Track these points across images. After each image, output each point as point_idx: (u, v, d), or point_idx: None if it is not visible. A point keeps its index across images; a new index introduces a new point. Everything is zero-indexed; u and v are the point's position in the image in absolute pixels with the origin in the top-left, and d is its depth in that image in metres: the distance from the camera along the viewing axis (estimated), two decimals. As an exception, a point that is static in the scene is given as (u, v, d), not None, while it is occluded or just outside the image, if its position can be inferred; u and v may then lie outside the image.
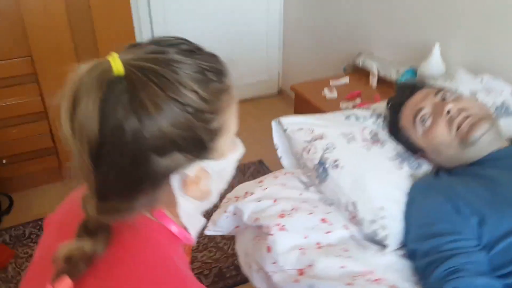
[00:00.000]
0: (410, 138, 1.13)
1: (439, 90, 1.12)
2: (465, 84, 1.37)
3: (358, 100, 1.90)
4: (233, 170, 0.65)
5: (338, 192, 1.07)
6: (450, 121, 1.04)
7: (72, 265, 0.51)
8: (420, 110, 1.10)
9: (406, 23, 2.00)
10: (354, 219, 1.04)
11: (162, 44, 0.54)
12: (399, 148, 1.18)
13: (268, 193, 1.12)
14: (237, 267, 1.66)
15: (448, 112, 1.04)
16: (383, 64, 2.10)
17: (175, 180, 0.56)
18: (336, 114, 1.30)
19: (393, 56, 2.14)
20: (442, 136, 1.05)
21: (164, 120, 0.49)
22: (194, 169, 0.56)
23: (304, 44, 2.87)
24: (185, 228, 0.63)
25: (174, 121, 0.50)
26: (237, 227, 1.18)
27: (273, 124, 1.27)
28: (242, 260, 1.11)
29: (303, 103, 2.06)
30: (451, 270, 0.83)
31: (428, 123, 1.08)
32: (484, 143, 1.02)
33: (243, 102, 3.06)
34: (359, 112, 1.31)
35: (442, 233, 0.90)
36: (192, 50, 0.55)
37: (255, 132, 2.58)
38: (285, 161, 1.28)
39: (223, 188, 0.66)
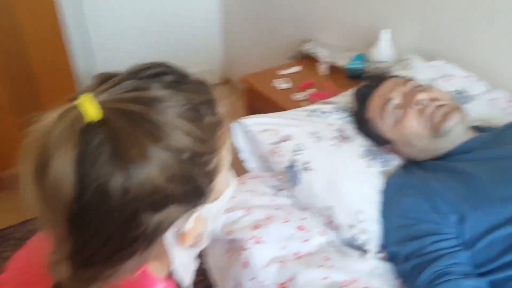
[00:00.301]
0: (378, 130, 1.10)
1: (408, 80, 1.10)
2: (422, 71, 1.37)
3: (311, 90, 1.87)
4: (225, 206, 0.59)
5: (312, 197, 1.03)
6: (421, 111, 1.02)
7: None
8: (389, 100, 1.06)
9: (354, 8, 1.98)
10: (331, 224, 1.00)
11: (142, 76, 0.46)
12: (367, 143, 1.15)
13: (239, 202, 1.05)
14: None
15: (419, 101, 1.02)
16: (332, 51, 2.08)
17: (169, 237, 0.49)
18: (298, 111, 1.25)
19: (342, 42, 2.12)
20: (413, 126, 1.02)
21: (156, 173, 0.42)
22: (191, 219, 0.49)
23: (248, 31, 2.79)
24: (174, 275, 0.56)
25: (168, 172, 0.43)
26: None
27: (233, 125, 1.19)
28: (217, 276, 1.04)
29: (255, 95, 1.99)
30: (437, 273, 0.81)
31: (398, 113, 1.05)
32: (456, 133, 1.01)
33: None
34: (322, 107, 1.26)
35: (423, 235, 0.88)
36: (178, 81, 0.47)
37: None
38: (251, 164, 1.21)
39: (215, 225, 0.62)
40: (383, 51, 1.75)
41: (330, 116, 1.22)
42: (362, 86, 1.20)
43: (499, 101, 1.35)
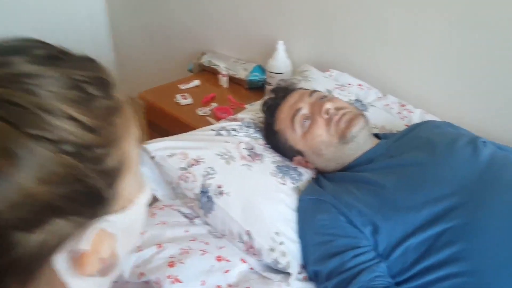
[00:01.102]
0: (287, 141, 1.11)
1: (313, 91, 1.13)
2: (319, 82, 1.40)
3: (214, 104, 1.82)
4: (144, 217, 0.46)
5: (229, 222, 0.98)
6: (329, 120, 1.05)
7: None
8: (298, 110, 1.08)
9: (250, 19, 1.98)
10: (251, 249, 0.96)
11: (4, 51, 0.35)
12: (276, 159, 1.14)
13: (149, 237, 0.96)
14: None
15: (326, 111, 1.04)
16: (230, 63, 2.06)
17: (60, 261, 0.35)
18: (205, 131, 1.19)
19: (239, 53, 2.11)
20: (322, 135, 1.05)
21: (26, 174, 0.31)
22: (88, 236, 0.36)
23: (141, 46, 2.65)
24: None
25: (44, 173, 0.32)
26: (115, 282, 0.99)
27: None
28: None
29: (156, 112, 1.89)
30: None
31: (307, 123, 1.07)
32: (361, 139, 1.05)
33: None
34: (228, 124, 1.22)
35: (342, 250, 0.88)
36: (55, 56, 0.37)
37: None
38: (159, 193, 1.12)
39: (135, 243, 0.46)
40: (280, 62, 1.77)
41: (238, 133, 1.18)
42: (268, 99, 1.20)
43: (392, 106, 1.44)
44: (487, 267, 0.78)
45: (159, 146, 1.09)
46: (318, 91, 1.15)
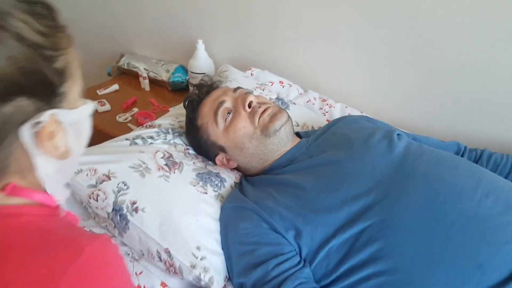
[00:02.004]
0: (210, 137, 1.07)
1: (238, 88, 1.11)
2: (240, 82, 1.36)
3: (136, 109, 1.73)
4: (89, 129, 0.57)
5: (146, 241, 0.91)
6: (252, 113, 1.03)
7: None
8: (221, 103, 1.06)
9: (169, 19, 1.89)
10: (171, 268, 0.90)
11: None
12: (198, 165, 1.08)
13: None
14: None
15: (250, 103, 1.03)
16: (151, 64, 1.97)
17: (26, 135, 0.46)
18: (118, 141, 1.11)
19: (160, 54, 2.02)
20: (246, 127, 1.03)
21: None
22: (46, 116, 0.46)
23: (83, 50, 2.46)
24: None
25: (11, 55, 0.42)
26: None
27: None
28: None
29: (71, 122, 1.75)
30: None
31: (229, 117, 1.04)
32: (284, 135, 1.04)
33: None
34: (144, 132, 1.15)
35: (265, 259, 0.84)
36: None
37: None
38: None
39: (81, 149, 0.57)
40: (201, 62, 1.72)
41: (155, 141, 1.11)
42: (191, 94, 1.15)
43: (313, 102, 1.43)
44: (408, 263, 0.77)
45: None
46: (242, 88, 1.12)
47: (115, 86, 1.90)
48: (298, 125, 1.30)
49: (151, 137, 1.12)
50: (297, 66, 1.55)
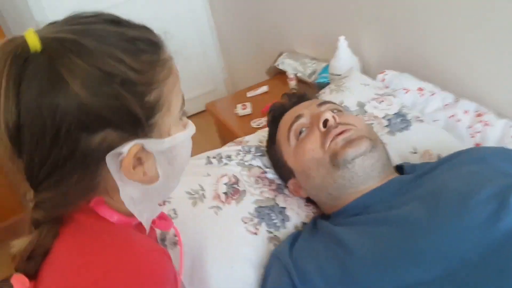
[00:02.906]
0: (282, 156, 0.91)
1: (325, 102, 0.91)
2: (354, 92, 1.10)
3: (271, 114, 1.65)
4: (187, 153, 0.60)
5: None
6: (325, 133, 0.82)
7: (23, 261, 0.50)
8: (297, 117, 0.88)
9: (326, 16, 1.72)
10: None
11: (82, 16, 0.50)
12: (265, 196, 0.93)
13: None
14: None
15: (325, 122, 0.81)
16: (303, 63, 1.84)
17: (111, 162, 0.49)
18: (199, 158, 1.05)
19: (316, 52, 1.87)
20: (314, 150, 0.82)
21: (85, 90, 0.45)
22: (129, 147, 0.49)
23: (243, 45, 2.58)
24: (130, 214, 0.55)
25: (97, 91, 0.46)
26: None
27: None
28: None
29: (219, 124, 1.81)
30: None
31: (302, 135, 0.86)
32: (360, 169, 0.78)
33: (193, 115, 2.86)
34: (226, 150, 1.05)
35: None
36: (116, 21, 0.51)
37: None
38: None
39: (177, 172, 0.60)
40: (343, 63, 1.49)
41: (231, 162, 1.01)
42: (276, 103, 1.00)
43: (461, 118, 1.05)
44: None
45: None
46: (332, 103, 0.92)
47: (264, 88, 1.86)
48: (416, 152, 0.97)
49: (229, 157, 1.02)
50: (454, 66, 1.17)
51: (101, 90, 0.46)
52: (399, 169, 0.88)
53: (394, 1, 1.28)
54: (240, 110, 1.71)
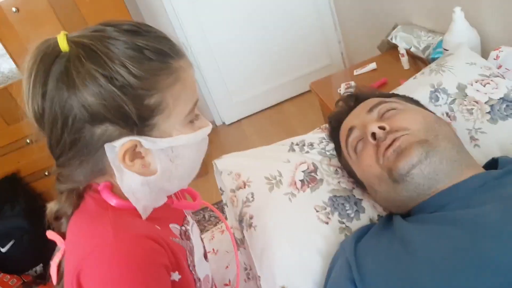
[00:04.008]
0: (351, 167, 0.87)
1: (376, 105, 0.83)
2: (456, 73, 0.99)
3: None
4: (193, 154, 0.64)
5: (251, 260, 0.87)
6: (377, 147, 0.77)
7: (54, 221, 0.62)
8: (351, 130, 0.84)
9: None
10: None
11: (107, 24, 0.57)
12: (341, 186, 0.91)
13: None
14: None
15: (373, 135, 0.76)
16: (418, 37, 1.69)
17: (109, 152, 0.57)
18: (281, 145, 1.06)
19: (435, 24, 1.69)
20: (371, 166, 0.78)
21: (87, 90, 0.53)
22: (122, 142, 0.56)
23: (360, 17, 2.45)
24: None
25: (97, 92, 0.53)
26: None
27: (213, 165, 1.10)
28: None
29: (322, 104, 1.78)
30: None
31: (359, 147, 0.82)
32: (421, 177, 0.72)
33: (308, 93, 2.86)
34: (310, 136, 1.05)
35: None
36: (134, 31, 0.57)
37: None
38: (228, 210, 1.09)
39: (182, 169, 0.64)
40: (458, 37, 1.33)
41: (312, 150, 1.00)
42: (335, 111, 0.95)
43: None
44: None
45: (226, 162, 1.05)
46: (386, 100, 0.83)
47: (373, 65, 1.76)
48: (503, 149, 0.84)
49: (311, 144, 1.01)
50: None
51: (101, 92, 0.53)
52: (494, 163, 0.78)
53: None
54: (344, 89, 1.66)
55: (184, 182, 0.68)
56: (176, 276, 0.62)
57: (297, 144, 1.03)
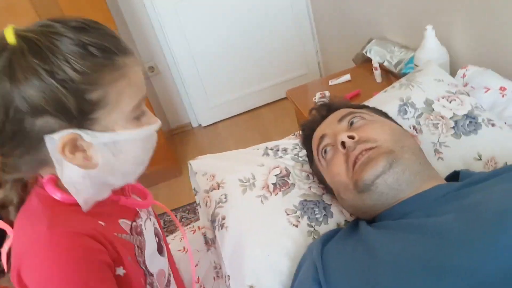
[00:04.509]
0: (321, 174, 0.91)
1: (346, 115, 0.87)
2: (425, 89, 1.04)
3: (349, 104, 1.61)
4: (137, 149, 0.65)
5: (221, 260, 0.90)
6: (346, 157, 0.80)
7: (1, 209, 0.63)
8: (322, 138, 0.87)
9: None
10: (228, 296, 0.85)
11: (56, 20, 0.58)
12: (312, 191, 0.94)
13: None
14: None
15: (343, 144, 0.80)
16: (391, 52, 1.75)
17: (48, 144, 0.58)
18: (256, 149, 1.09)
19: (407, 40, 1.77)
20: (340, 175, 0.81)
21: (29, 83, 0.54)
22: (61, 135, 0.57)
23: (337, 29, 2.52)
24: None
25: (39, 86, 0.54)
26: None
27: (188, 166, 1.12)
28: None
29: (297, 111, 1.83)
30: None
31: (328, 155, 0.85)
32: (384, 187, 0.75)
33: (285, 99, 2.91)
34: (284, 142, 1.08)
35: None
36: (81, 27, 0.58)
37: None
38: (201, 211, 1.11)
39: (124, 164, 0.65)
40: (429, 54, 1.39)
41: (286, 155, 1.03)
42: (308, 120, 0.99)
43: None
44: None
45: (201, 163, 1.08)
46: (354, 110, 0.88)
47: (347, 77, 1.82)
48: (480, 159, 0.90)
49: (285, 150, 1.05)
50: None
51: (41, 85, 0.54)
52: (456, 175, 0.83)
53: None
54: (318, 98, 1.71)
55: (129, 177, 0.68)
56: (120, 271, 0.63)
57: (271, 149, 1.06)
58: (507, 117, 0.99)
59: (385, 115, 0.92)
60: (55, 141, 0.58)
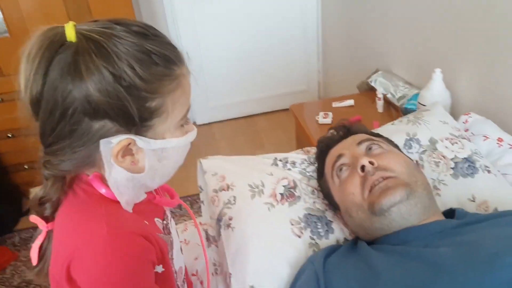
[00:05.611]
0: (330, 190, 0.97)
1: (368, 139, 0.94)
2: (430, 128, 1.12)
3: (349, 129, 1.69)
4: (179, 156, 0.67)
5: (224, 258, 0.94)
6: (364, 180, 0.86)
7: (37, 206, 0.63)
8: (340, 157, 0.93)
9: (423, 42, 1.71)
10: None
11: (117, 23, 0.58)
12: (316, 206, 1.00)
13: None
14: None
15: (362, 167, 0.86)
16: (395, 85, 1.84)
17: (103, 147, 0.58)
18: (265, 158, 1.15)
19: (411, 76, 1.86)
20: (354, 194, 0.87)
21: (93, 85, 0.54)
22: (120, 139, 0.58)
23: (343, 53, 2.62)
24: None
25: (103, 88, 0.54)
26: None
27: (198, 164, 1.16)
28: None
29: (299, 126, 1.89)
30: None
31: (344, 174, 0.91)
32: (397, 215, 0.82)
33: (281, 111, 2.98)
34: (293, 156, 1.14)
35: None
36: (143, 33, 0.58)
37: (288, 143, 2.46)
38: (204, 208, 1.16)
39: (165, 170, 0.67)
40: (436, 93, 1.48)
41: (294, 168, 1.09)
42: (326, 136, 1.05)
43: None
44: None
45: (211, 163, 1.13)
46: (373, 138, 0.94)
47: (350, 101, 1.90)
48: (474, 201, 0.98)
49: (293, 163, 1.11)
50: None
51: (107, 89, 0.54)
52: (452, 212, 0.90)
53: (497, 42, 1.26)
54: (321, 118, 1.78)
55: (164, 180, 0.70)
56: (159, 268, 0.65)
57: (280, 160, 1.12)
58: (501, 166, 1.07)
59: (397, 147, 0.99)
60: (111, 145, 0.58)
